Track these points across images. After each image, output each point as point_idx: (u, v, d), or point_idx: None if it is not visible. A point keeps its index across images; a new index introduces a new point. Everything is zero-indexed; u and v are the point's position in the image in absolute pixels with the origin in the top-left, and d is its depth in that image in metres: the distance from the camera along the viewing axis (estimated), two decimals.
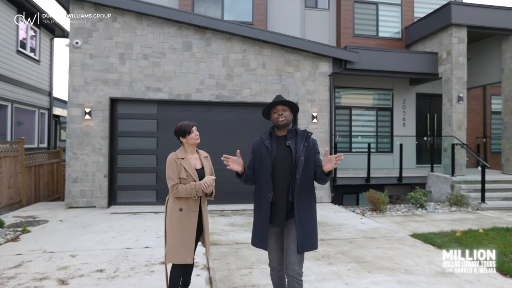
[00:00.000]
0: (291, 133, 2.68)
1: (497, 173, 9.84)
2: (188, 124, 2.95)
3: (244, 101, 8.08)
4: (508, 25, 9.32)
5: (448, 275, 3.88)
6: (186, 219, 2.87)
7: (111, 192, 7.66)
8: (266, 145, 2.67)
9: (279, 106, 2.69)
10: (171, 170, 2.85)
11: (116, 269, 3.97)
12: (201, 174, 2.93)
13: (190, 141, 2.93)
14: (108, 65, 7.59)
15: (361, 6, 10.92)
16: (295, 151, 2.61)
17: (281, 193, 2.61)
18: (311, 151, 2.67)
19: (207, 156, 3.14)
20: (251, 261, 4.31)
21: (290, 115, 2.72)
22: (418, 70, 9.48)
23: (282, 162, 2.62)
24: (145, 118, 7.84)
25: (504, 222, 6.57)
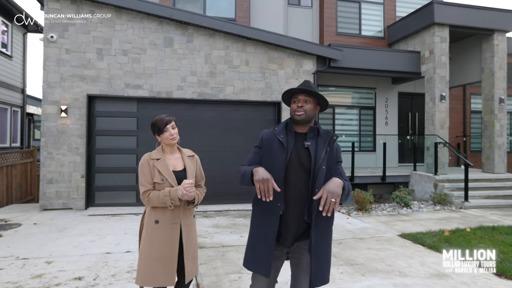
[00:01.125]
0: (312, 132, 2.07)
1: (478, 171, 10.02)
2: (162, 119, 2.40)
3: (227, 99, 7.89)
4: (489, 25, 9.50)
5: (443, 277, 3.82)
6: (163, 234, 2.35)
7: (89, 193, 7.31)
8: (280, 140, 2.05)
9: (302, 95, 2.06)
10: (143, 174, 2.39)
11: (96, 277, 3.72)
12: (181, 176, 2.42)
13: (164, 140, 2.43)
14: (85, 61, 7.23)
15: (344, 4, 10.90)
16: (314, 156, 2.00)
17: (294, 207, 2.00)
18: (333, 159, 2.05)
19: (193, 155, 2.61)
20: (240, 265, 4.13)
21: (314, 110, 2.09)
22: (401, 68, 9.53)
23: (298, 167, 2.01)
24: (125, 116, 7.52)
25: (489, 221, 6.63)
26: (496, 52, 9.70)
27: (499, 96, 9.75)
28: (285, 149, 2.02)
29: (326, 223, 2.03)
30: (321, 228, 1.99)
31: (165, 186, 2.36)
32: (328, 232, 2.07)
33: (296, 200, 2.00)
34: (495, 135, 9.69)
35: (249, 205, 7.60)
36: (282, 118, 8.14)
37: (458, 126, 12.14)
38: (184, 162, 2.52)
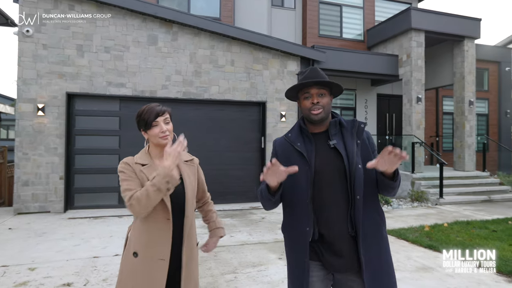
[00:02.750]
0: (334, 128, 1.71)
1: (450, 169, 10.51)
2: (151, 109, 1.73)
3: (212, 99, 7.83)
4: (460, 32, 9.99)
5: (429, 270, 3.99)
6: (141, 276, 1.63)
7: (68, 196, 7.03)
8: (298, 150, 1.67)
9: (314, 89, 1.68)
10: (126, 177, 1.67)
11: (87, 282, 3.58)
12: (178, 191, 1.71)
13: (152, 139, 1.75)
14: (64, 57, 6.95)
15: (326, 7, 11.11)
16: (346, 156, 1.63)
17: (334, 225, 1.62)
18: (368, 152, 1.68)
19: (192, 159, 1.92)
20: (234, 265, 4.13)
21: (330, 101, 1.72)
22: (380, 71, 9.84)
23: (328, 176, 1.64)
24: (106, 115, 7.29)
25: (463, 215, 7.00)
26: (466, 58, 10.21)
27: (469, 99, 10.27)
28: (307, 161, 1.65)
29: (376, 226, 1.66)
30: (370, 234, 1.62)
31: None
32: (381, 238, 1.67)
33: (334, 216, 1.63)
34: (465, 135, 10.21)
35: (235, 205, 7.67)
36: (266, 118, 8.19)
37: (432, 126, 12.68)
38: (180, 171, 1.78)
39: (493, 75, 13.32)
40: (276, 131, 8.29)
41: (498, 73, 13.31)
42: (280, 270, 3.95)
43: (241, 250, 4.67)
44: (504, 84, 13.28)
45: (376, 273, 1.60)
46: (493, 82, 13.34)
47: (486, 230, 5.70)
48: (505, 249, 4.65)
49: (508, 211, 7.62)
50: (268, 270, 3.96)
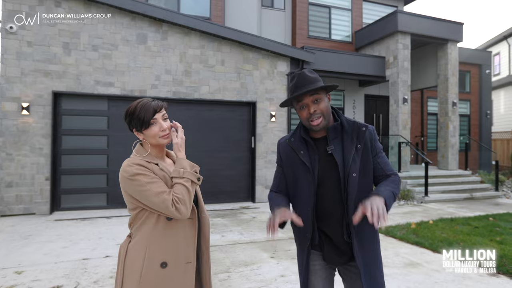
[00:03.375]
0: (334, 132, 1.68)
1: (434, 168, 10.76)
2: (147, 105, 1.53)
3: (203, 99, 7.80)
4: (444, 35, 10.25)
5: (416, 266, 4.09)
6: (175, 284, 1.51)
7: (54, 197, 6.88)
8: (302, 160, 1.68)
9: (307, 98, 1.62)
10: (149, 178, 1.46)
11: (77, 284, 3.52)
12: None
13: (150, 140, 1.56)
14: (50, 55, 6.80)
15: (315, 9, 11.21)
16: (342, 163, 1.63)
17: (333, 229, 1.69)
18: (368, 157, 1.67)
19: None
20: (226, 264, 4.13)
21: (328, 103, 1.68)
22: (368, 72, 9.99)
23: (326, 184, 1.66)
24: (94, 114, 7.17)
25: (447, 213, 7.20)
26: (450, 60, 10.48)
27: (452, 100, 10.54)
28: (310, 171, 1.66)
29: (370, 232, 1.69)
30: (364, 238, 1.67)
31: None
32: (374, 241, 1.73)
33: (333, 222, 1.68)
34: (449, 135, 10.48)
35: (225, 205, 7.66)
36: (257, 118, 8.20)
37: (417, 126, 12.95)
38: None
39: (474, 77, 13.70)
40: (266, 131, 8.33)
41: (479, 76, 13.70)
42: (273, 268, 3.98)
43: (233, 250, 4.68)
44: (484, 86, 13.68)
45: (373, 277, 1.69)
46: (475, 84, 13.72)
47: (469, 227, 5.90)
48: (487, 245, 4.82)
49: (489, 208, 7.88)
50: (261, 268, 3.98)
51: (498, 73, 19.35)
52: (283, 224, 1.66)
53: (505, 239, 5.09)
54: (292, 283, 3.57)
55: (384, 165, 1.72)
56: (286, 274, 3.82)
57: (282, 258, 4.34)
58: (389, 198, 1.55)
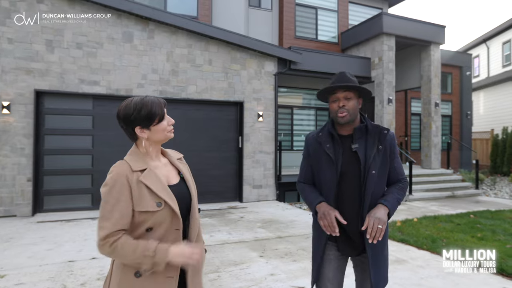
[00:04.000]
0: (359, 132, 1.86)
1: (417, 167, 10.98)
2: (157, 101, 1.48)
3: (190, 98, 7.75)
4: (427, 37, 10.48)
5: (402, 263, 4.18)
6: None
7: (37, 198, 6.70)
8: (327, 152, 1.85)
9: (341, 93, 1.82)
10: (112, 201, 1.34)
11: (64, 287, 3.44)
12: (181, 193, 1.51)
13: (157, 135, 1.49)
14: (32, 53, 6.62)
15: (302, 9, 11.29)
16: (364, 160, 1.80)
17: (351, 219, 1.84)
18: (386, 158, 1.84)
19: (181, 157, 1.73)
20: (216, 264, 4.11)
21: (357, 105, 1.85)
22: (354, 73, 10.05)
23: (349, 178, 1.84)
24: (79, 114, 7.02)
25: (430, 211, 7.38)
26: (433, 62, 10.72)
27: (434, 101, 10.79)
28: (333, 163, 1.84)
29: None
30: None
31: (162, 215, 1.39)
32: (384, 237, 1.91)
33: (351, 211, 1.85)
34: (432, 135, 10.72)
35: (213, 205, 7.63)
36: (244, 117, 8.20)
37: (401, 127, 13.19)
38: (179, 170, 1.62)
39: (455, 78, 14.07)
40: (253, 131, 8.33)
41: (460, 77, 14.08)
42: (262, 267, 3.99)
43: (222, 249, 4.66)
44: (465, 87, 14.06)
45: (380, 265, 1.90)
46: (456, 86, 14.09)
47: (452, 224, 6.07)
48: (468, 241, 4.99)
49: (470, 205, 8.11)
50: (251, 268, 3.98)
51: (478, 75, 19.94)
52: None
53: (485, 235, 5.27)
54: (282, 281, 3.59)
55: (399, 169, 1.92)
56: (275, 273, 3.84)
57: (271, 257, 4.35)
58: (393, 207, 1.81)
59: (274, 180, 8.56)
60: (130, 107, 1.44)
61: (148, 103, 1.45)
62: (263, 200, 8.43)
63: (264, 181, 8.44)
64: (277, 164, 8.64)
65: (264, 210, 7.33)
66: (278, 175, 8.68)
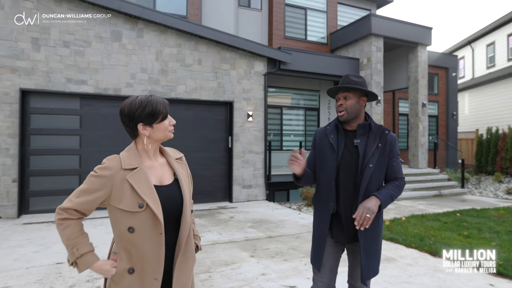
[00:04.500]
0: (362, 129, 2.03)
1: (405, 167, 11.15)
2: (161, 101, 1.53)
3: (179, 98, 7.70)
4: (414, 38, 10.64)
5: (391, 261, 4.24)
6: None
7: (22, 199, 6.57)
8: (330, 141, 2.06)
9: (340, 93, 2.04)
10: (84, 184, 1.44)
11: None
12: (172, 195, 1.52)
13: (157, 134, 1.53)
14: (17, 51, 6.48)
15: (291, 10, 11.33)
16: (363, 154, 1.98)
17: (346, 206, 2.03)
18: (385, 155, 2.01)
19: (182, 156, 1.73)
20: (207, 264, 4.10)
21: (358, 104, 2.02)
22: (343, 73, 10.19)
23: (347, 167, 2.01)
24: (66, 113, 6.91)
25: (418, 210, 7.49)
26: (420, 63, 10.89)
27: (422, 101, 10.97)
28: (335, 151, 2.04)
29: (374, 220, 2.00)
30: (368, 229, 1.97)
31: (144, 216, 1.41)
32: (377, 225, 2.04)
33: (347, 199, 2.02)
34: (419, 135, 10.89)
35: (203, 205, 7.61)
36: (234, 117, 8.19)
37: (389, 127, 13.35)
38: (174, 170, 1.60)
39: (442, 79, 14.32)
40: (243, 131, 8.33)
41: (446, 78, 14.33)
42: (253, 267, 3.99)
43: (213, 250, 4.65)
44: (451, 88, 14.33)
45: (371, 254, 2.03)
46: (442, 87, 14.34)
47: (439, 222, 6.18)
48: (455, 239, 5.09)
49: (456, 204, 8.27)
50: (242, 268, 3.98)
51: (463, 76, 20.34)
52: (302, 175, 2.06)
53: (471, 233, 5.39)
54: (273, 281, 3.60)
55: (396, 169, 2.07)
56: (267, 272, 3.85)
57: (262, 257, 4.36)
58: (386, 201, 1.95)
59: (264, 180, 8.58)
60: (135, 104, 1.47)
61: (153, 101, 1.50)
62: (253, 200, 8.43)
63: (253, 181, 8.45)
64: (267, 164, 8.66)
65: (254, 210, 7.34)
66: (268, 175, 8.70)
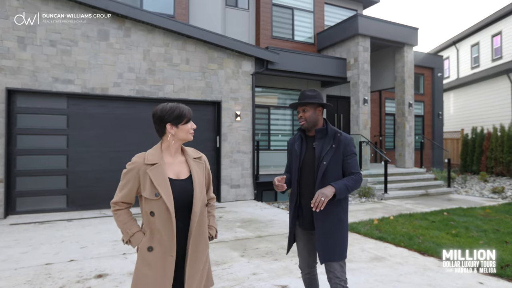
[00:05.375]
0: (320, 133, 2.44)
1: (392, 167, 11.33)
2: (186, 108, 1.90)
3: (167, 98, 7.68)
4: (400, 39, 10.82)
5: (381, 260, 4.31)
6: (154, 268, 1.78)
7: (9, 200, 6.48)
8: (295, 148, 2.50)
9: (299, 107, 2.48)
10: (123, 182, 1.84)
11: None
12: (187, 188, 1.84)
13: (181, 134, 1.88)
14: (3, 50, 6.38)
15: (278, 10, 11.40)
16: (319, 154, 2.38)
17: (307, 198, 2.43)
18: (339, 155, 2.37)
19: (200, 156, 2.01)
20: None
21: (315, 114, 2.44)
22: (330, 73, 10.32)
23: (308, 166, 2.44)
24: (52, 113, 6.83)
25: (405, 209, 7.62)
26: (406, 63, 11.08)
27: (408, 101, 11.16)
28: (298, 155, 2.48)
29: (331, 208, 2.33)
30: (323, 210, 2.29)
31: (159, 204, 1.75)
32: (332, 214, 2.35)
33: (308, 193, 2.44)
34: (405, 135, 11.08)
35: None
36: (222, 117, 8.21)
37: (376, 126, 13.56)
38: (190, 168, 1.91)
39: (427, 80, 14.60)
40: (231, 131, 8.35)
41: (432, 78, 14.62)
42: (244, 267, 4.03)
43: None
44: (436, 88, 14.62)
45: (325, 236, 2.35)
46: (428, 87, 14.62)
47: (426, 221, 6.28)
48: (444, 238, 5.17)
49: (443, 203, 8.44)
50: (233, 267, 4.01)
51: (448, 76, 20.74)
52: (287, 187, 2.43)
53: (459, 232, 5.47)
54: (264, 280, 3.64)
55: (351, 166, 2.40)
56: (257, 272, 3.88)
57: (253, 256, 4.40)
58: (341, 189, 2.27)
59: (252, 179, 8.62)
60: (166, 108, 1.86)
61: (181, 107, 1.89)
62: (241, 199, 8.47)
63: (242, 181, 8.49)
64: (255, 164, 8.71)
65: (243, 210, 7.38)
66: (256, 174, 8.75)
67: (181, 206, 1.80)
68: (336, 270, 2.35)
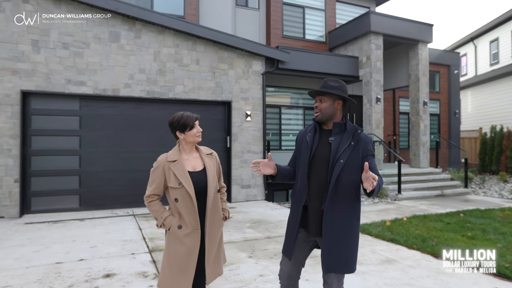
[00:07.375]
0: (337, 128, 2.19)
1: (406, 166, 11.10)
2: (190, 116, 2.34)
3: (177, 98, 7.72)
4: (414, 36, 10.58)
5: (392, 262, 4.20)
6: (184, 241, 2.26)
7: (24, 199, 6.63)
8: (307, 139, 2.25)
9: (317, 97, 2.24)
10: (153, 178, 2.32)
11: None
12: (202, 177, 2.33)
13: (189, 138, 2.34)
14: (18, 53, 6.53)
15: (289, 9, 11.32)
16: (335, 150, 2.12)
17: (316, 199, 2.17)
18: (358, 153, 2.12)
19: (211, 153, 2.49)
20: None
21: (332, 106, 2.19)
22: (342, 72, 10.17)
23: (320, 162, 2.17)
24: (65, 114, 6.96)
25: (420, 210, 7.44)
26: (420, 61, 10.83)
27: (423, 100, 10.91)
28: (309, 147, 2.23)
29: (343, 211, 2.09)
30: (335, 212, 2.08)
31: (182, 191, 2.24)
32: (345, 219, 2.10)
33: (317, 192, 2.18)
34: (420, 134, 10.84)
35: None
36: (232, 117, 8.20)
37: (389, 125, 13.31)
38: (204, 162, 2.40)
39: (443, 77, 14.25)
40: (241, 131, 8.34)
41: (448, 76, 14.26)
42: (251, 268, 3.99)
43: None
44: (453, 86, 14.25)
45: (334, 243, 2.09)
46: (444, 84, 14.27)
47: (441, 223, 6.09)
48: (458, 240, 5.00)
49: (459, 204, 8.20)
50: (240, 269, 3.98)
51: (466, 74, 20.21)
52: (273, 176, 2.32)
53: (476, 235, 5.28)
54: (271, 282, 3.59)
55: (373, 166, 2.10)
56: (265, 273, 3.84)
57: (260, 257, 4.36)
58: (379, 186, 2.01)
59: (263, 180, 8.58)
60: (175, 119, 2.35)
61: (184, 117, 2.34)
62: (251, 200, 8.45)
63: (252, 181, 8.46)
64: None
65: (253, 210, 7.35)
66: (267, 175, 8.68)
67: (199, 192, 2.29)
68: (334, 284, 2.16)
